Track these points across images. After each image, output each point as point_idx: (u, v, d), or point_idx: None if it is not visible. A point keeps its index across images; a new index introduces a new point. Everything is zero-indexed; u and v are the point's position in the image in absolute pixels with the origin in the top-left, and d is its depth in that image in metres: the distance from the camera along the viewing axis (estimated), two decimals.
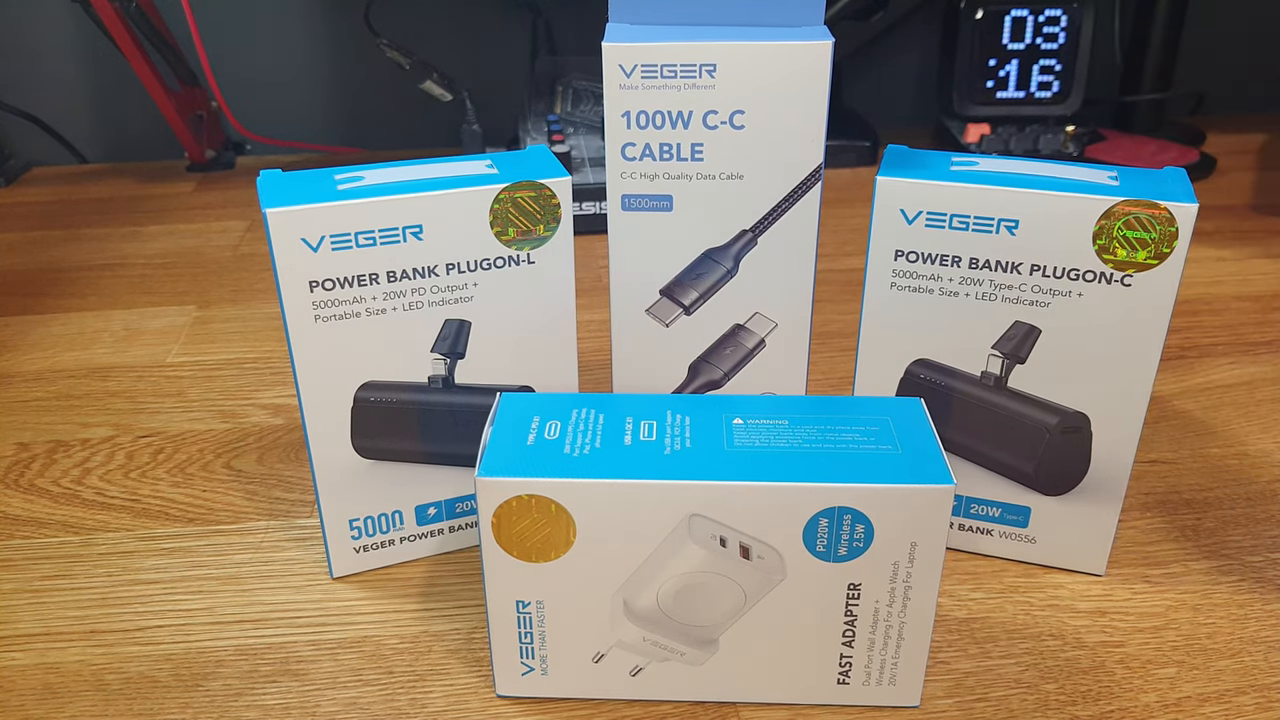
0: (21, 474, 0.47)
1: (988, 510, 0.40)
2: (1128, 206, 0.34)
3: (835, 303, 0.63)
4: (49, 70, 0.90)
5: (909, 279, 0.37)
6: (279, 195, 0.34)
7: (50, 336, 0.60)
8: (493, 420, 0.33)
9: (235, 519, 0.44)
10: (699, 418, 0.33)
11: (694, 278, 0.39)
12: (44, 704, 0.34)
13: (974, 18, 0.84)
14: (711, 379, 0.41)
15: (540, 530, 0.31)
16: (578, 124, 0.84)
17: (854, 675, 0.33)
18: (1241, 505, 0.44)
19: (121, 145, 0.94)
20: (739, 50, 0.35)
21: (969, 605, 0.38)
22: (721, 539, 0.31)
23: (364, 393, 0.37)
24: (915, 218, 0.36)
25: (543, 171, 0.36)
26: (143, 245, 0.74)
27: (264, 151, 0.95)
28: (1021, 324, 0.36)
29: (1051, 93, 0.86)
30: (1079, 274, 0.35)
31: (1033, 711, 0.34)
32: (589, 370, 0.55)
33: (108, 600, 0.39)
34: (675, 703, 0.34)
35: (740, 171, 0.37)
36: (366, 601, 0.39)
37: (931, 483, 0.30)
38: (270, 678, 0.35)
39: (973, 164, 0.37)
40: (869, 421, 0.32)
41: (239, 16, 0.90)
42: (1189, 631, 0.37)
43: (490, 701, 0.34)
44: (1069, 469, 0.38)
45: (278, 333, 0.60)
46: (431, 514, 0.40)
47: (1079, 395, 0.37)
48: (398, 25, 0.90)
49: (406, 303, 0.36)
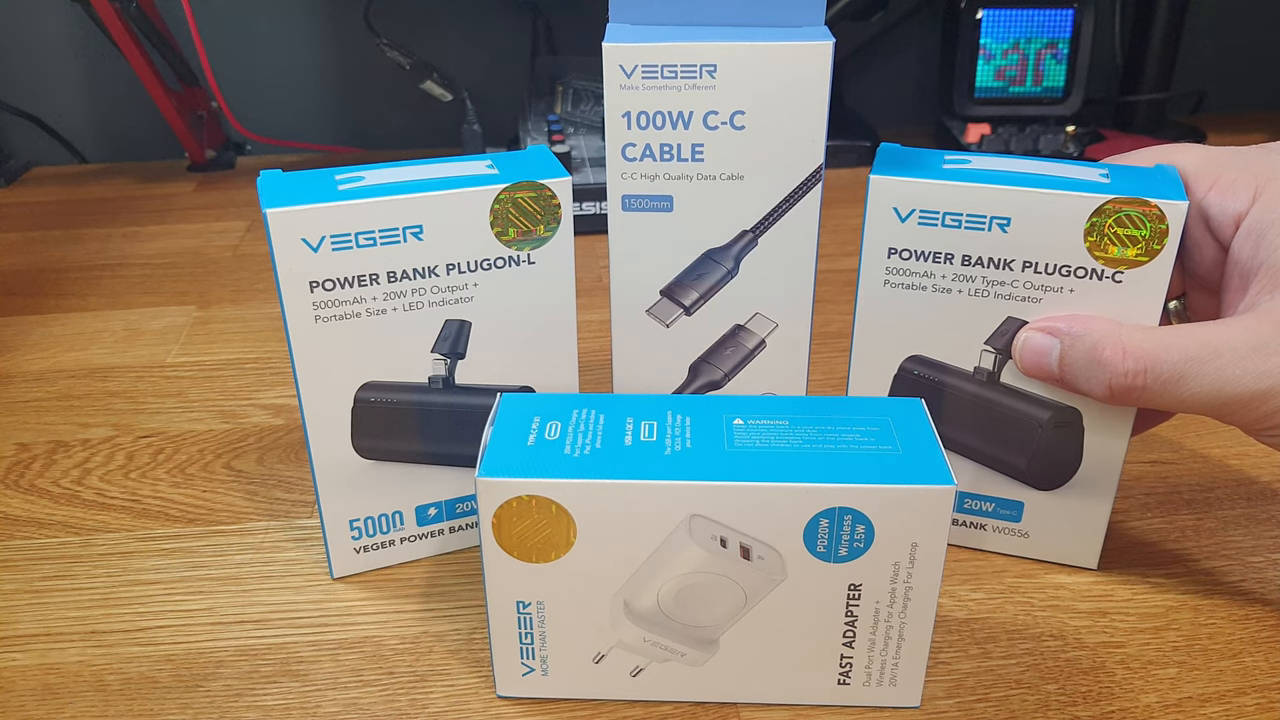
0: (21, 474, 0.47)
1: (981, 505, 0.40)
2: (1119, 204, 0.34)
3: (835, 303, 0.62)
4: (49, 70, 0.90)
5: (902, 276, 0.37)
6: (279, 195, 0.34)
7: (50, 336, 0.60)
8: (493, 420, 0.33)
9: (235, 519, 0.44)
10: (699, 418, 0.33)
11: (694, 278, 0.39)
12: (44, 704, 0.34)
13: (974, 18, 0.84)
14: (712, 379, 0.41)
15: (541, 531, 0.31)
16: (578, 124, 0.84)
17: (854, 676, 0.33)
18: (1241, 505, 0.44)
19: (121, 145, 0.94)
20: (739, 50, 0.35)
21: (969, 605, 0.38)
22: (722, 539, 0.31)
23: (364, 393, 0.37)
24: (908, 216, 0.36)
25: (543, 171, 0.36)
26: (143, 245, 0.74)
27: (264, 151, 0.95)
28: (1014, 320, 0.37)
29: (1052, 93, 0.86)
30: (1070, 271, 0.35)
31: (1033, 712, 0.34)
32: (589, 370, 0.55)
33: (108, 601, 0.39)
34: (676, 703, 0.34)
35: (741, 172, 0.37)
36: (367, 602, 0.39)
37: (932, 483, 0.30)
38: (270, 678, 0.35)
39: (965, 162, 0.37)
40: (869, 422, 0.32)
41: (239, 16, 0.90)
42: (1190, 632, 0.37)
43: (491, 702, 0.34)
44: (1061, 464, 0.38)
45: (278, 333, 0.60)
46: (432, 514, 0.40)
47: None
48: (398, 25, 0.90)
49: (407, 303, 0.36)
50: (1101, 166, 0.36)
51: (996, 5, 0.83)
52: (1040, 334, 0.35)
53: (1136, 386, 0.33)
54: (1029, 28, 0.84)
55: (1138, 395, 0.33)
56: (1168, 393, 0.33)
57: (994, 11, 0.84)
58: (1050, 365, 0.35)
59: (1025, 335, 0.36)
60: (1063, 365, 0.35)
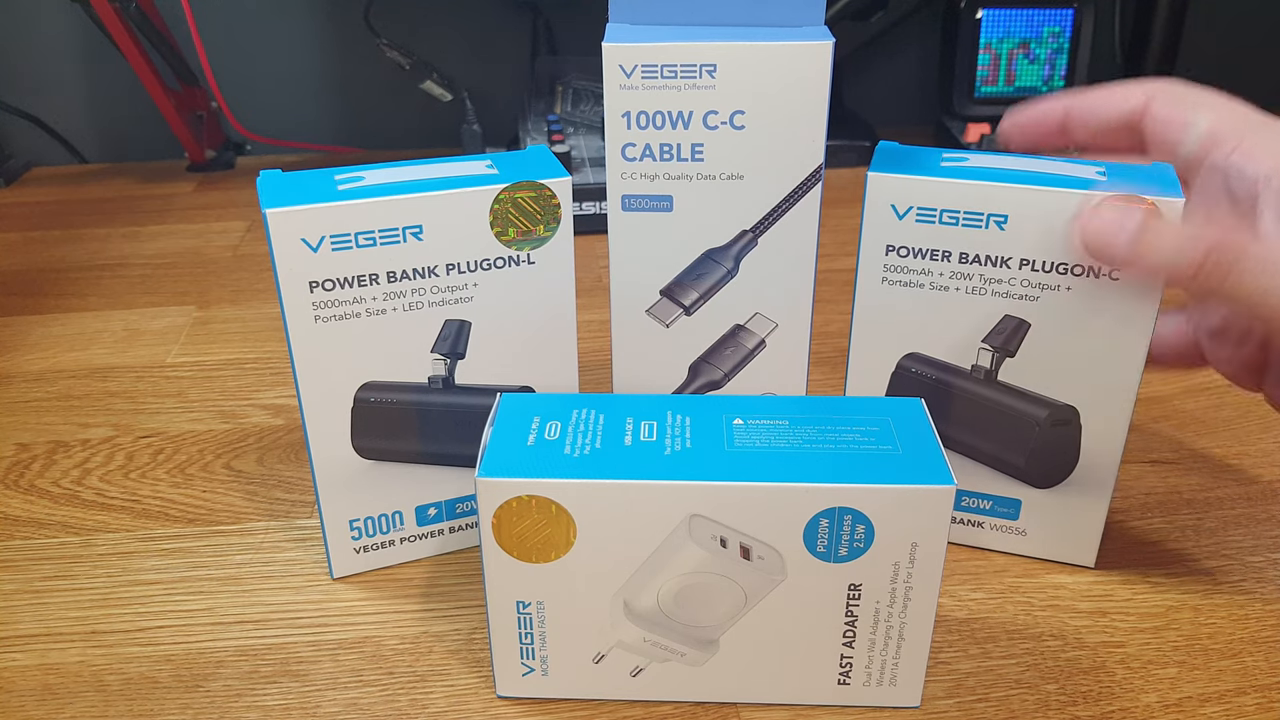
0: (21, 474, 0.47)
1: (979, 503, 0.40)
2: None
3: (835, 303, 0.62)
4: (49, 70, 0.90)
5: (900, 274, 0.37)
6: (279, 195, 0.34)
7: (50, 336, 0.60)
8: (493, 420, 0.33)
9: (235, 519, 0.44)
10: (699, 418, 0.33)
11: (694, 278, 0.39)
12: (44, 704, 0.34)
13: (974, 18, 0.84)
14: (712, 379, 0.41)
15: (540, 531, 0.31)
16: (578, 124, 0.84)
17: (854, 676, 0.33)
18: (1241, 505, 0.44)
19: (121, 145, 0.94)
20: (739, 50, 0.35)
21: (969, 605, 0.38)
22: (722, 539, 0.31)
23: (364, 393, 0.37)
24: (906, 213, 0.36)
25: (543, 171, 0.36)
26: (143, 245, 0.74)
27: (264, 151, 0.94)
28: (1011, 318, 0.37)
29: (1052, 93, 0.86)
30: (1068, 268, 0.35)
31: (1033, 712, 0.34)
32: (589, 370, 0.55)
33: (108, 601, 0.39)
34: (676, 703, 0.34)
35: (740, 172, 0.37)
36: (367, 602, 0.39)
37: (932, 483, 0.30)
38: (270, 678, 0.35)
39: (963, 160, 0.37)
40: (869, 422, 0.32)
41: (239, 16, 0.90)
42: (1190, 632, 0.37)
43: (491, 702, 0.34)
44: (1059, 462, 0.38)
45: (278, 333, 0.60)
46: (432, 514, 0.40)
47: (1068, 388, 0.37)
48: (398, 25, 0.90)
49: (406, 303, 0.36)
50: (1099, 164, 0.36)
51: (996, 5, 0.83)
52: (1116, 202, 0.33)
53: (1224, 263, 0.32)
54: (1029, 27, 0.84)
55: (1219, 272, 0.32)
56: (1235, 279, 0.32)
57: (994, 11, 0.84)
58: (1128, 232, 0.33)
59: (1095, 208, 0.34)
60: (1143, 232, 0.33)
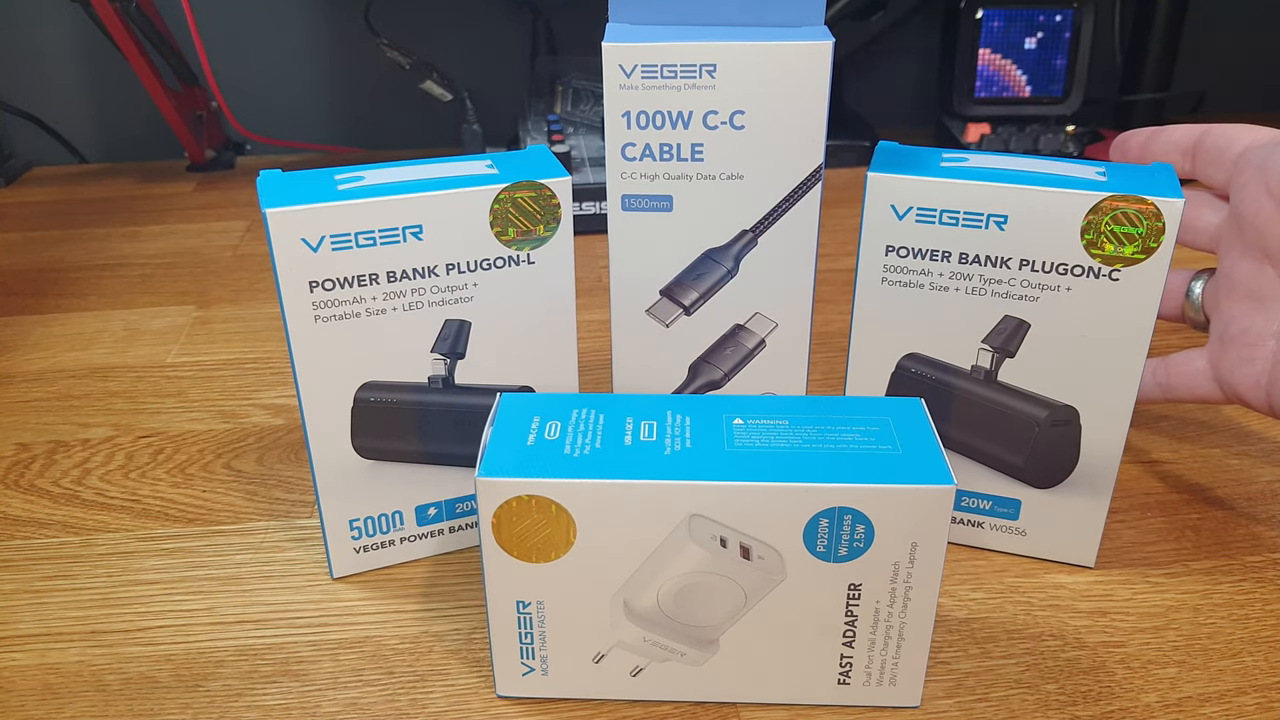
0: (21, 474, 0.47)
1: (979, 503, 0.40)
2: (1115, 201, 0.34)
3: (835, 303, 0.62)
4: (49, 70, 0.90)
5: (900, 274, 0.37)
6: (279, 195, 0.34)
7: (50, 336, 0.60)
8: (493, 420, 0.33)
9: (235, 519, 0.44)
10: (699, 418, 0.33)
11: (694, 278, 0.39)
12: (44, 704, 0.34)
13: (974, 18, 0.84)
14: (712, 379, 0.41)
15: (540, 531, 0.31)
16: (578, 124, 0.84)
17: (854, 676, 0.33)
18: (1241, 505, 0.44)
19: (121, 145, 0.94)
20: (739, 50, 0.35)
21: (969, 605, 0.38)
22: (722, 539, 0.31)
23: (364, 393, 0.37)
24: (906, 213, 0.36)
25: (543, 171, 0.36)
26: (143, 245, 0.74)
27: (264, 151, 0.95)
28: (1011, 318, 0.37)
29: (1051, 93, 0.86)
30: (1067, 269, 0.35)
31: (1033, 712, 0.34)
32: (589, 370, 0.55)
33: (108, 601, 0.39)
34: (676, 703, 0.34)
35: (740, 172, 0.37)
36: (367, 602, 0.39)
37: (932, 483, 0.30)
38: (270, 678, 0.35)
39: (963, 160, 0.37)
40: (869, 421, 0.32)
41: (239, 16, 0.90)
42: (1190, 632, 0.37)
43: (491, 702, 0.34)
44: (1058, 462, 0.38)
45: (278, 333, 0.60)
46: (432, 514, 0.40)
47: (1068, 389, 0.37)
48: (398, 25, 0.90)
49: (406, 303, 0.36)
50: (1099, 165, 0.36)
51: (996, 5, 0.83)
52: None
53: None
54: (1029, 28, 0.84)
55: None
56: None
57: (994, 11, 0.84)
58: None
59: None
60: None
